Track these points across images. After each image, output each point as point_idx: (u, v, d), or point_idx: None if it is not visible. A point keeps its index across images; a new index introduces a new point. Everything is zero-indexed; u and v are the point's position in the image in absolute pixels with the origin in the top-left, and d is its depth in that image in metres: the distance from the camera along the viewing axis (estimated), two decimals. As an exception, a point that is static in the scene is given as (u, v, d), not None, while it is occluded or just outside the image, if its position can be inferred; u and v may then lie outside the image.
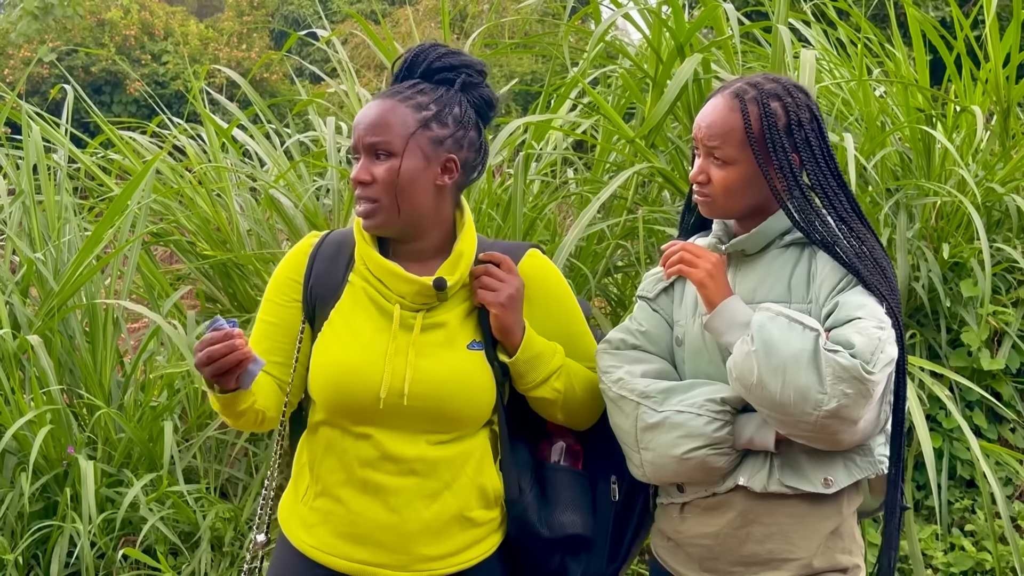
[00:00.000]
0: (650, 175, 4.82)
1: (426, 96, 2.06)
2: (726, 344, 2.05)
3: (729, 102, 2.13)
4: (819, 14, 5.84)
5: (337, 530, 2.10)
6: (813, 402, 1.93)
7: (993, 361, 4.43)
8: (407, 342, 2.06)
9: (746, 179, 2.12)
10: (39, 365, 4.11)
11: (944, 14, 9.88)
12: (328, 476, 2.10)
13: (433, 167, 2.06)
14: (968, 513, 4.32)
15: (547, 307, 2.20)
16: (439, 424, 2.08)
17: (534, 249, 2.23)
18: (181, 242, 5.22)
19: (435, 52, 2.09)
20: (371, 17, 16.98)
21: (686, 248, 2.13)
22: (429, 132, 2.04)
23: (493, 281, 2.10)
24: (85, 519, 3.76)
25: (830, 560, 2.10)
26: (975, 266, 4.51)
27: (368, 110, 2.06)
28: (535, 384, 2.14)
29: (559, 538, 2.16)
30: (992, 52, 4.97)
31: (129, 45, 17.34)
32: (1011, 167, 4.90)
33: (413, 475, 2.07)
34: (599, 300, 5.10)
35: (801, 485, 2.06)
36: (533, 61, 13.96)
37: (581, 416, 2.24)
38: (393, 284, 2.08)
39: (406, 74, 2.11)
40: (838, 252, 2.06)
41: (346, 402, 2.06)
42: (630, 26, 5.31)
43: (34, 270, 4.50)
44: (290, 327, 2.15)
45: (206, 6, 24.21)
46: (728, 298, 2.06)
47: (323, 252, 2.17)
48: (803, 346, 1.94)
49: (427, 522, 2.08)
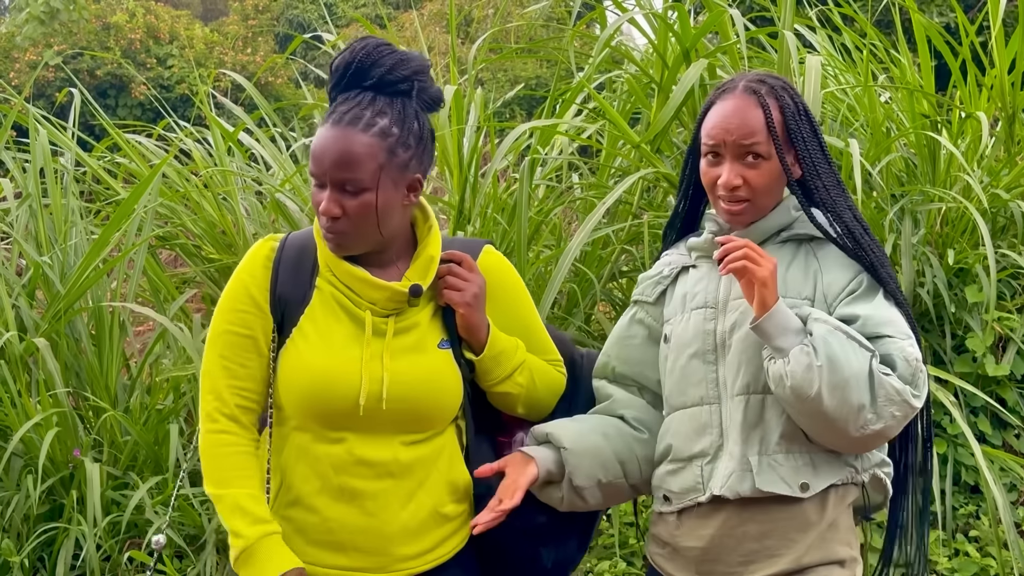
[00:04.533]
0: (655, 180, 4.82)
1: (386, 117, 2.00)
2: (776, 348, 2.02)
3: (748, 99, 2.14)
4: (824, 20, 5.84)
5: (312, 539, 2.09)
6: (863, 421, 1.97)
7: (998, 367, 4.43)
8: (381, 347, 2.06)
9: (776, 175, 2.14)
10: (46, 368, 4.12)
11: (949, 20, 9.89)
12: (302, 485, 2.08)
13: (401, 190, 2.04)
14: (972, 519, 4.32)
15: (505, 303, 2.21)
16: (413, 424, 2.08)
17: (488, 246, 2.24)
18: (187, 245, 5.23)
19: (388, 59, 2.01)
20: (376, 21, 16.99)
21: (750, 246, 2.08)
22: (396, 159, 2.00)
23: (458, 281, 2.10)
24: (91, 521, 3.77)
25: (828, 552, 2.11)
26: (980, 272, 4.51)
27: (331, 142, 1.98)
28: (500, 380, 2.16)
29: (530, 527, 2.18)
30: (997, 58, 4.97)
31: (134, 49, 17.36)
32: (1016, 173, 4.90)
33: (389, 477, 2.07)
34: (603, 305, 5.11)
35: (778, 490, 2.07)
36: (538, 66, 13.97)
37: (540, 408, 2.26)
38: (363, 291, 2.06)
39: (353, 79, 2.03)
40: (850, 246, 2.10)
41: (323, 408, 2.05)
42: (635, 31, 5.32)
43: (41, 273, 4.51)
44: (260, 336, 2.11)
45: (211, 10, 24.26)
46: (779, 301, 2.05)
47: (286, 258, 2.12)
48: (861, 365, 1.96)
49: (404, 523, 2.08)
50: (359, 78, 2.02)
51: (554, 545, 2.21)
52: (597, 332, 4.67)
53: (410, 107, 2.04)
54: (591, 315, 4.77)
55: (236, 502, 2.04)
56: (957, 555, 4.12)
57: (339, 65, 2.04)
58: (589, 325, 4.72)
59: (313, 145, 2.01)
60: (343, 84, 2.04)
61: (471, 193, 4.50)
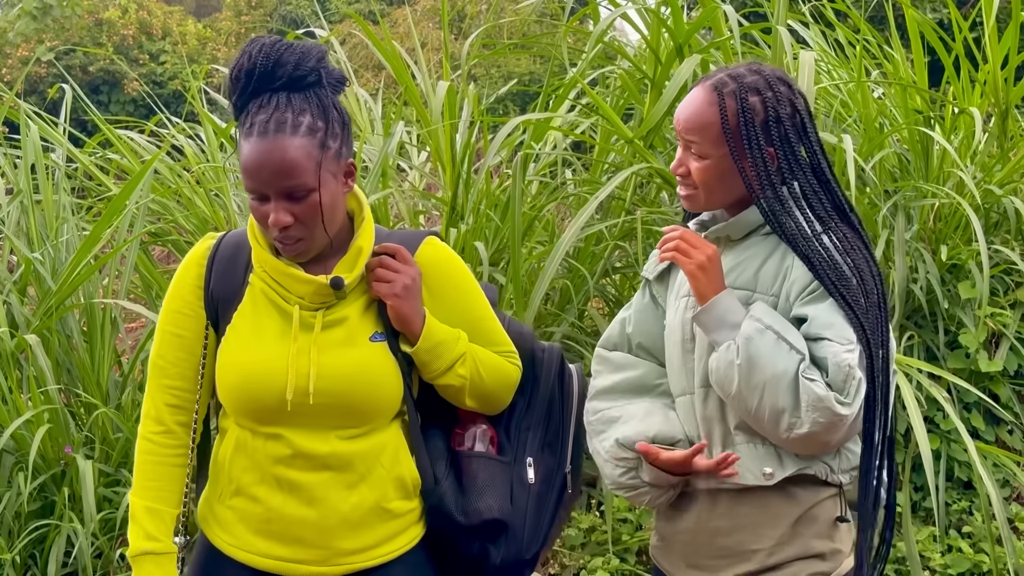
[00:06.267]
0: (648, 176, 4.82)
1: (308, 114, 1.98)
2: (713, 342, 2.04)
3: (708, 95, 2.11)
4: (818, 15, 5.84)
5: (255, 528, 2.10)
6: (786, 425, 1.97)
7: (991, 363, 4.44)
8: (309, 341, 2.05)
9: (723, 173, 2.10)
10: (37, 364, 4.11)
11: (943, 16, 9.90)
12: (242, 476, 2.10)
13: (340, 179, 2.04)
14: (966, 515, 4.33)
15: (446, 294, 2.19)
16: (348, 419, 2.07)
17: (431, 237, 2.22)
18: (179, 242, 5.22)
19: (290, 56, 1.98)
20: (369, 17, 16.97)
21: (684, 236, 2.11)
22: (330, 152, 2.00)
23: (388, 272, 2.09)
24: (83, 519, 3.76)
25: (803, 546, 2.09)
26: (973, 268, 4.51)
27: (264, 154, 1.95)
28: (440, 372, 2.14)
29: (476, 524, 2.15)
30: (991, 54, 4.98)
31: (127, 45, 17.36)
32: (1009, 169, 4.91)
33: (327, 470, 2.06)
34: (597, 301, 5.10)
35: (743, 480, 2.06)
36: (531, 62, 13.95)
37: (491, 401, 2.24)
38: (290, 285, 2.06)
39: (260, 84, 1.99)
40: (802, 251, 2.04)
41: (252, 404, 2.06)
42: (628, 27, 5.32)
43: (32, 269, 4.49)
44: (197, 336, 2.14)
45: (204, 6, 24.21)
46: (720, 293, 2.05)
47: (221, 255, 2.14)
48: (786, 368, 1.95)
49: (345, 515, 2.07)
50: (266, 81, 1.99)
51: (502, 542, 2.18)
52: (590, 328, 4.67)
53: (324, 96, 2.02)
54: (584, 311, 4.76)
55: (134, 511, 2.13)
56: (950, 551, 4.13)
57: (240, 72, 1.99)
58: (582, 321, 4.72)
59: (244, 160, 1.97)
60: (250, 91, 2.00)
61: (464, 189, 4.49)
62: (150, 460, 2.14)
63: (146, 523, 2.11)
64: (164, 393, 2.15)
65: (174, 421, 2.15)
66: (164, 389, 2.15)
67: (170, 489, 2.14)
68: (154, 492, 2.13)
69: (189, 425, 2.16)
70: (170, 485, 2.14)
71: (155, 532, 2.11)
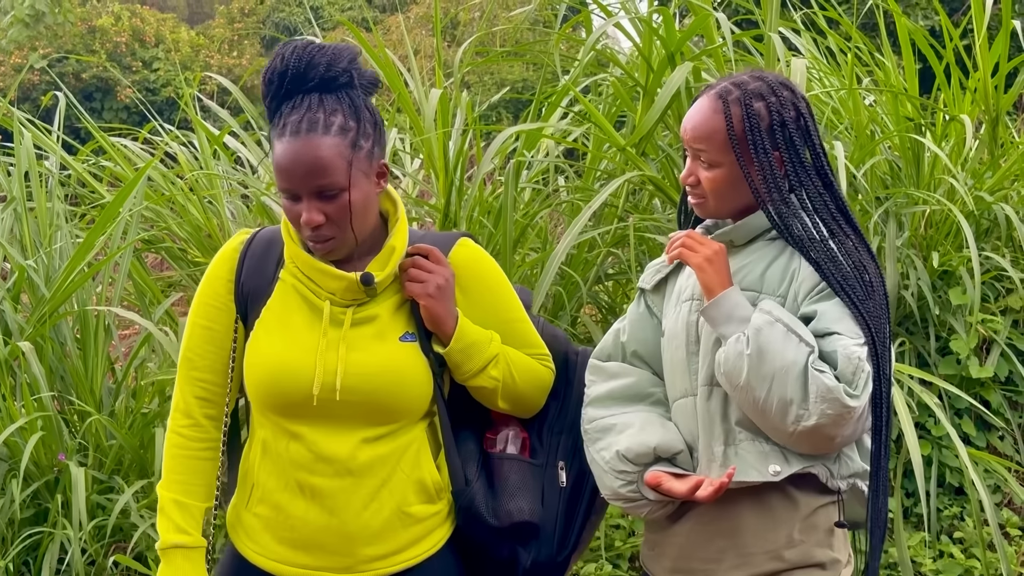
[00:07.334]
0: (641, 183, 4.84)
1: (340, 115, 2.00)
2: (721, 336, 2.05)
3: (713, 103, 2.14)
4: (809, 23, 5.86)
5: (279, 536, 2.10)
6: (793, 416, 1.97)
7: (982, 369, 4.45)
8: (338, 337, 2.06)
9: (733, 180, 2.13)
10: (30, 372, 4.10)
11: (934, 23, 9.93)
12: (266, 481, 2.11)
13: (372, 179, 2.06)
14: (957, 520, 4.34)
15: (480, 295, 2.20)
16: (374, 418, 2.08)
17: (465, 238, 2.23)
18: (172, 249, 5.22)
19: (321, 58, 2.01)
20: (362, 24, 16.97)
21: (690, 235, 2.14)
22: (362, 151, 2.02)
23: (421, 273, 2.10)
24: (76, 526, 3.76)
25: (804, 554, 2.09)
26: (964, 274, 4.53)
27: (297, 154, 1.98)
28: (472, 373, 2.15)
29: (507, 526, 2.15)
30: (981, 61, 5.00)
31: (120, 52, 17.34)
32: (1000, 176, 4.93)
33: (349, 475, 2.07)
34: (590, 308, 5.11)
35: (747, 478, 2.06)
36: (524, 69, 13.97)
37: (524, 403, 2.24)
38: (322, 281, 2.08)
39: (293, 86, 2.02)
40: (811, 255, 2.07)
41: (279, 399, 2.07)
42: (621, 35, 5.33)
43: (25, 277, 4.49)
44: (227, 329, 2.16)
45: (197, 13, 24.19)
46: (728, 289, 2.07)
47: (253, 250, 2.16)
48: (796, 359, 1.96)
49: (365, 522, 2.08)
50: (299, 83, 2.01)
51: (533, 545, 2.18)
52: (583, 335, 4.67)
53: (356, 96, 2.04)
54: (577, 318, 4.77)
55: (162, 504, 2.14)
56: (942, 556, 4.14)
57: (273, 75, 2.03)
58: (575, 328, 4.73)
59: (277, 160, 2.00)
60: (283, 93, 2.03)
61: (457, 196, 4.50)
62: (179, 454, 2.16)
63: (176, 516, 2.12)
64: (193, 386, 2.16)
65: (203, 414, 2.16)
66: (193, 382, 2.17)
67: (199, 483, 2.15)
68: (183, 486, 2.14)
69: (218, 419, 2.18)
70: (199, 479, 2.15)
71: (185, 526, 2.12)
